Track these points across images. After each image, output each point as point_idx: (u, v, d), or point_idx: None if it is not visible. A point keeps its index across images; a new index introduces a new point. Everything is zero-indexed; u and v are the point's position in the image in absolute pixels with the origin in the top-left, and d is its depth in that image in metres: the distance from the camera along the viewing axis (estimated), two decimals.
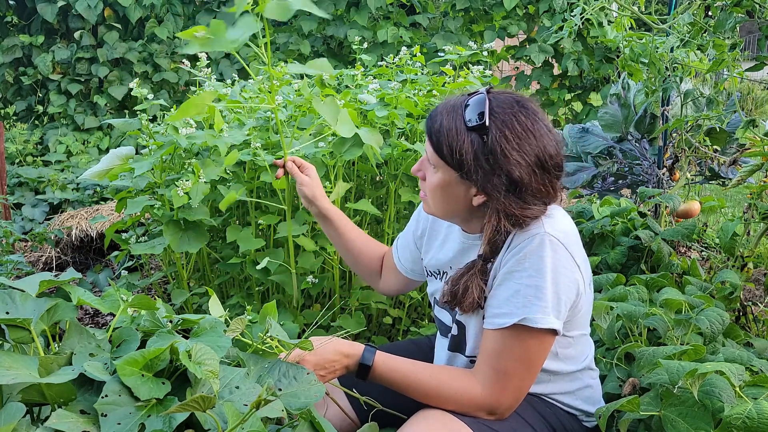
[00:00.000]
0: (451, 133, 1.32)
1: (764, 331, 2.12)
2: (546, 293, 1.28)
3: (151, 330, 1.12)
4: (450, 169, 1.34)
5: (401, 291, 1.79)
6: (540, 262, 1.29)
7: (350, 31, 6.03)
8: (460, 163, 1.32)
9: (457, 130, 1.32)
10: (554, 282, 1.28)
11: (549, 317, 1.28)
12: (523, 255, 1.30)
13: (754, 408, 1.17)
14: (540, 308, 1.28)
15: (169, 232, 2.00)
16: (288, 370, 1.11)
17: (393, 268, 1.71)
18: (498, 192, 1.30)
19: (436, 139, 1.34)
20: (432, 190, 1.40)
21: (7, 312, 1.04)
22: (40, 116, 6.11)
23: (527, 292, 1.29)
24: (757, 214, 2.21)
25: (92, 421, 0.89)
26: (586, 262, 1.38)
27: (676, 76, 2.67)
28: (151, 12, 5.99)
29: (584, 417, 1.48)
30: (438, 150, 1.34)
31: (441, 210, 1.43)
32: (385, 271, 1.75)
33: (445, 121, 1.34)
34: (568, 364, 1.43)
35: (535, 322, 1.28)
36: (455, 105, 1.35)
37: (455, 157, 1.32)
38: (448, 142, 1.32)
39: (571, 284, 1.31)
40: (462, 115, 1.32)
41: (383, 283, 1.77)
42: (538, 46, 6.11)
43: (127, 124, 2.21)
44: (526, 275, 1.29)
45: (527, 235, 1.32)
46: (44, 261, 3.61)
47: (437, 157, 1.35)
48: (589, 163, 3.69)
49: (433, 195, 1.41)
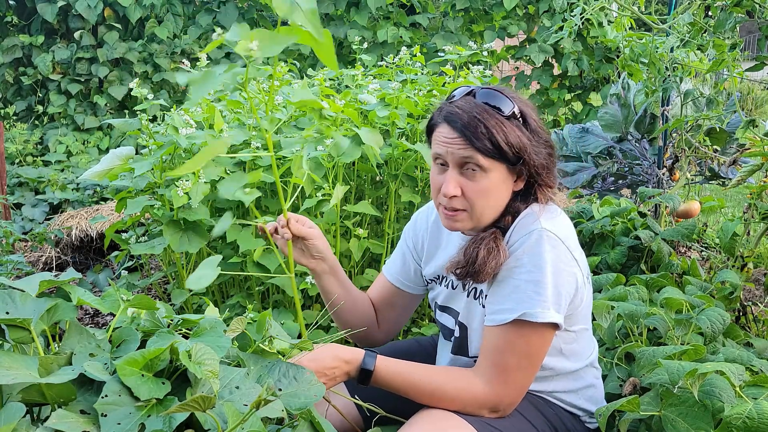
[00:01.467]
0: (500, 129, 1.31)
1: (764, 331, 2.12)
2: (545, 288, 1.29)
3: (151, 330, 1.12)
4: (502, 165, 1.33)
5: (401, 323, 1.70)
6: (538, 258, 1.30)
7: (350, 31, 6.03)
8: (519, 152, 1.33)
9: (502, 123, 1.32)
10: (553, 276, 1.29)
11: (549, 311, 1.29)
12: (522, 251, 1.32)
13: (754, 408, 1.17)
14: (540, 303, 1.28)
15: (169, 232, 2.00)
16: (288, 370, 1.11)
17: (393, 295, 1.64)
18: (544, 164, 1.36)
19: (489, 141, 1.30)
20: (480, 196, 1.34)
21: (7, 312, 1.04)
22: (40, 116, 6.11)
23: (527, 287, 1.30)
24: (757, 214, 2.21)
25: (92, 421, 0.89)
26: (583, 256, 1.39)
27: (676, 76, 2.67)
28: (151, 12, 5.99)
29: (587, 417, 1.48)
30: (492, 151, 1.31)
31: (484, 215, 1.37)
32: (381, 310, 1.66)
33: (487, 121, 1.31)
34: (573, 360, 1.43)
35: (535, 316, 1.28)
36: (478, 105, 1.33)
37: (513, 149, 1.32)
38: (504, 138, 1.31)
39: (570, 278, 1.32)
40: (491, 109, 1.33)
41: (383, 327, 1.67)
42: (538, 46, 6.11)
43: (127, 124, 2.21)
44: (525, 271, 1.30)
45: (524, 231, 1.33)
46: (44, 261, 3.61)
47: (489, 159, 1.31)
48: (589, 163, 3.69)
49: (482, 201, 1.35)
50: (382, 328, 1.67)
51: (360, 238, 2.15)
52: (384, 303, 1.66)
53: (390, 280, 1.65)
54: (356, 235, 2.15)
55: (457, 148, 1.32)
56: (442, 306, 1.53)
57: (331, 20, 6.25)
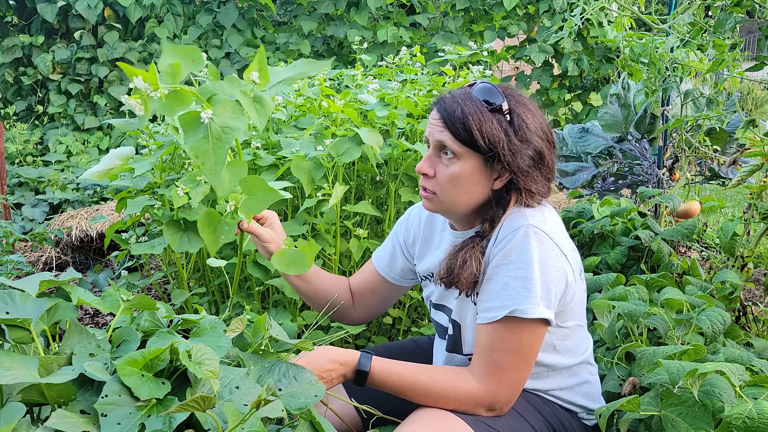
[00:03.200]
0: (477, 117, 1.32)
1: (764, 331, 2.12)
2: (534, 284, 1.29)
3: (151, 330, 1.13)
4: (476, 155, 1.34)
5: (381, 310, 1.72)
6: (526, 254, 1.30)
7: (350, 31, 6.03)
8: (492, 144, 1.33)
9: (482, 112, 1.33)
10: (542, 272, 1.30)
11: (539, 307, 1.29)
12: (509, 248, 1.32)
13: (755, 408, 1.17)
14: (529, 299, 1.29)
15: (169, 232, 2.00)
16: (288, 370, 1.11)
17: (377, 283, 1.67)
18: (524, 168, 1.35)
19: (462, 126, 1.32)
20: (449, 181, 1.36)
21: (7, 312, 1.04)
22: (40, 116, 6.11)
23: (516, 284, 1.30)
24: (757, 214, 2.21)
25: (92, 421, 0.89)
26: (574, 251, 1.40)
27: (676, 76, 2.67)
28: (151, 12, 5.99)
29: (584, 414, 1.48)
30: (464, 136, 1.33)
31: (455, 202, 1.38)
32: (362, 295, 1.68)
33: (467, 107, 1.33)
34: (567, 357, 1.44)
35: (525, 312, 1.29)
36: (466, 93, 1.36)
37: (486, 139, 1.32)
38: (478, 126, 1.32)
39: (559, 273, 1.32)
40: (479, 99, 1.34)
41: (359, 311, 1.69)
42: (538, 46, 6.11)
43: (127, 124, 2.21)
44: (513, 267, 1.31)
45: (511, 227, 1.34)
46: (44, 261, 3.61)
47: (461, 145, 1.33)
48: (589, 163, 3.69)
49: (450, 187, 1.36)
50: (358, 310, 1.70)
51: (360, 238, 2.15)
52: (366, 288, 1.69)
53: (376, 268, 1.68)
54: (356, 235, 2.15)
55: (437, 130, 1.36)
56: (436, 304, 1.54)
57: (331, 20, 6.25)
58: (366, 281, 1.69)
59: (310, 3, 6.18)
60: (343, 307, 1.66)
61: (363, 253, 2.26)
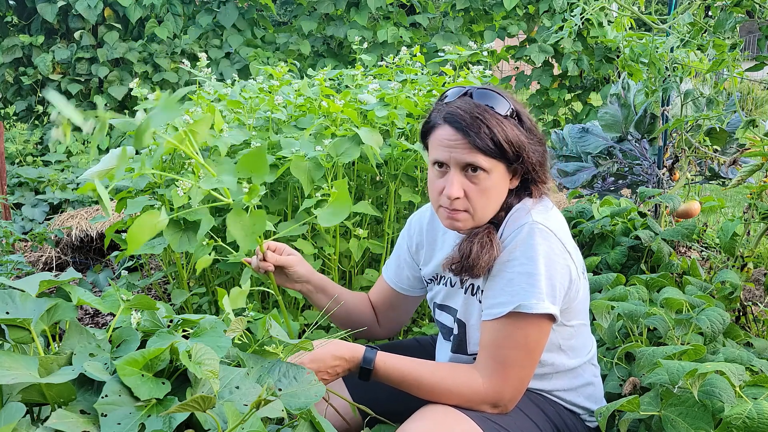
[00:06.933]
0: (500, 129, 1.33)
1: (764, 331, 2.12)
2: (539, 279, 1.30)
3: (151, 330, 1.12)
4: (502, 164, 1.35)
5: (404, 321, 1.75)
6: (531, 250, 1.31)
7: (350, 31, 6.03)
8: (518, 150, 1.34)
9: (500, 122, 1.33)
10: (546, 268, 1.30)
11: (544, 302, 1.30)
12: (514, 245, 1.33)
13: (754, 408, 1.17)
14: (534, 294, 1.29)
15: (169, 232, 2.00)
16: (288, 370, 1.11)
17: (392, 297, 1.68)
18: (538, 165, 1.38)
19: (491, 141, 1.31)
20: (482, 197, 1.35)
21: (7, 312, 1.04)
22: (40, 116, 6.11)
23: (520, 279, 1.31)
24: (757, 214, 2.21)
25: (92, 421, 0.89)
26: (576, 249, 1.40)
27: (676, 76, 2.67)
28: (151, 12, 5.99)
29: (587, 416, 1.49)
30: (494, 151, 1.32)
31: (487, 214, 1.39)
32: (382, 310, 1.71)
33: (488, 121, 1.32)
34: (572, 356, 1.44)
35: (530, 308, 1.29)
36: (477, 106, 1.34)
37: (513, 147, 1.33)
38: (504, 137, 1.32)
39: (563, 270, 1.33)
40: (492, 109, 1.34)
41: (384, 327, 1.72)
42: (538, 46, 6.10)
43: (127, 123, 2.21)
44: (518, 263, 1.31)
45: (516, 225, 1.35)
46: (44, 261, 3.61)
47: (490, 159, 1.33)
48: (589, 163, 3.69)
49: (484, 201, 1.36)
50: (384, 326, 1.72)
51: (360, 238, 2.15)
52: (384, 304, 1.70)
53: (388, 283, 1.69)
54: (356, 235, 2.15)
55: (461, 150, 1.32)
56: (441, 305, 1.54)
57: (331, 20, 6.25)
58: (382, 297, 1.70)
59: (310, 3, 6.18)
60: (370, 324, 1.70)
61: (363, 253, 2.26)
